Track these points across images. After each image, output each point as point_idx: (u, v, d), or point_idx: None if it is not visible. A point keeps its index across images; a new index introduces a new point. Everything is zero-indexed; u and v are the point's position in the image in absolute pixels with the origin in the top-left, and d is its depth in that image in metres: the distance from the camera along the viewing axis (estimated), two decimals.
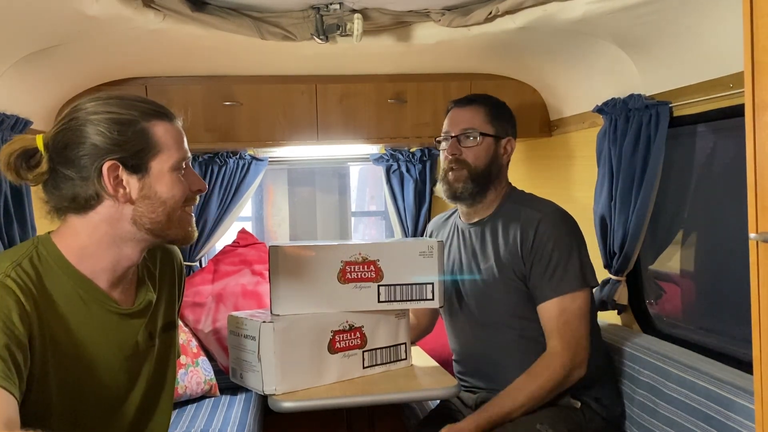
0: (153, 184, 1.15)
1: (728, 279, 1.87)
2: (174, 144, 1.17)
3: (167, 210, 1.17)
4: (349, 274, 1.63)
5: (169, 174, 1.16)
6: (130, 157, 1.13)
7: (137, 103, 1.17)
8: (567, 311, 1.69)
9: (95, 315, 1.15)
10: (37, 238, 1.16)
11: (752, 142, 0.89)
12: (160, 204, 1.16)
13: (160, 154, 1.15)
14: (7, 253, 1.13)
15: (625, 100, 1.92)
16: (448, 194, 1.84)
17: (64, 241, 1.15)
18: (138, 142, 1.13)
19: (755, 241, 0.88)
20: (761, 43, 0.86)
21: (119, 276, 1.19)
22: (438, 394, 1.75)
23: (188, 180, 1.21)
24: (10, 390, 0.94)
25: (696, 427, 1.57)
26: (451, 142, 1.84)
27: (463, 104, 1.88)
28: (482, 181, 1.82)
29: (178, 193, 1.17)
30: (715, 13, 1.53)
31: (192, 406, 2.36)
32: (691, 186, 1.98)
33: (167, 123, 1.18)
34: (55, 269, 1.12)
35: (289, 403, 1.52)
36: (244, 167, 2.73)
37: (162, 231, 1.18)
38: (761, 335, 0.89)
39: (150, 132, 1.15)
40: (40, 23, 1.60)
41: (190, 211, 1.23)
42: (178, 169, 1.18)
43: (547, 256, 1.71)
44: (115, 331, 1.18)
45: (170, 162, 1.16)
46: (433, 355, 1.98)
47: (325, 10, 1.84)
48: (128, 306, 1.21)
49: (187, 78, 2.36)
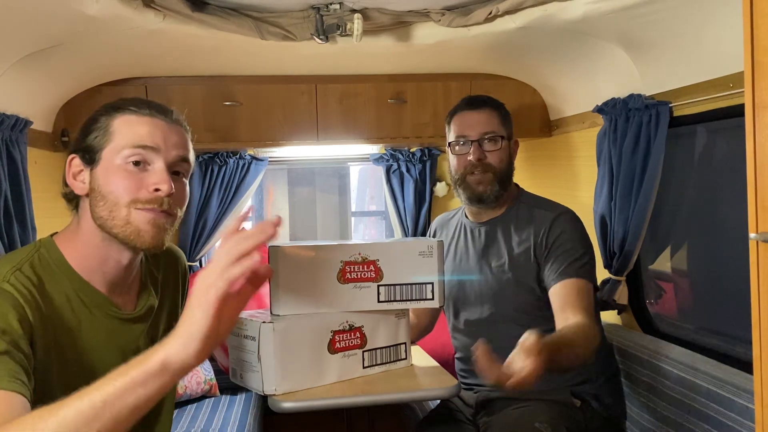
0: (98, 176, 1.12)
1: (728, 279, 1.87)
2: (127, 135, 1.11)
3: (108, 205, 1.10)
4: (348, 274, 1.63)
5: (113, 166, 1.11)
6: (87, 149, 1.13)
7: (117, 101, 1.17)
8: (587, 294, 1.68)
9: (97, 319, 1.14)
10: (39, 242, 1.16)
11: (752, 142, 0.89)
12: (101, 198, 1.11)
13: (110, 145, 1.12)
14: (9, 257, 1.13)
15: (625, 100, 1.92)
16: (472, 198, 1.83)
17: (65, 244, 1.15)
18: (95, 133, 1.13)
19: (755, 241, 0.88)
20: (761, 43, 0.86)
21: (113, 279, 1.17)
22: (438, 394, 1.75)
23: (143, 177, 1.11)
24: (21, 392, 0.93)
25: (696, 427, 1.57)
26: (474, 146, 1.82)
27: (477, 107, 1.86)
28: (506, 182, 1.84)
29: (116, 188, 1.10)
30: (715, 13, 1.53)
31: (192, 406, 2.36)
32: (691, 186, 1.98)
33: (131, 115, 1.13)
34: (57, 273, 1.11)
35: (289, 403, 1.52)
36: (244, 167, 2.73)
37: (109, 229, 1.11)
38: (761, 335, 0.89)
39: (108, 122, 1.13)
40: (40, 23, 1.60)
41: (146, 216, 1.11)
42: (126, 162, 1.10)
43: (566, 246, 1.72)
44: (117, 336, 1.17)
45: (115, 152, 1.11)
46: (433, 355, 1.98)
47: (325, 10, 1.84)
48: (129, 311, 1.20)
49: (187, 78, 2.36)
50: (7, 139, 1.73)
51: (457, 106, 1.90)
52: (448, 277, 1.89)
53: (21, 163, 1.78)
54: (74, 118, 2.25)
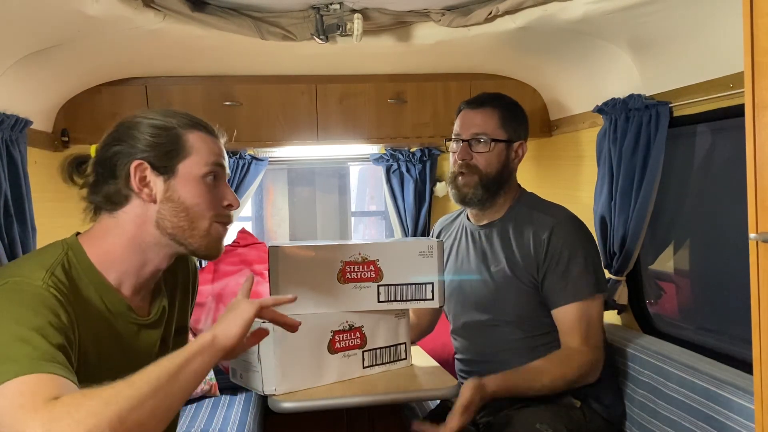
0: (177, 187, 1.16)
1: (728, 279, 1.87)
2: (206, 152, 1.18)
3: (190, 217, 1.17)
4: (348, 274, 1.63)
5: (195, 180, 1.17)
6: (159, 158, 1.15)
7: (180, 115, 1.20)
8: (586, 316, 1.71)
9: (119, 326, 1.16)
10: (66, 243, 1.16)
11: (752, 142, 0.89)
12: (182, 209, 1.16)
13: (189, 158, 1.16)
14: (38, 260, 1.11)
15: (625, 100, 1.92)
16: (457, 198, 1.83)
17: (93, 245, 1.16)
18: (169, 144, 1.16)
19: (755, 241, 0.88)
20: (761, 43, 0.86)
21: (143, 282, 1.20)
22: (438, 394, 1.75)
23: (219, 192, 1.20)
24: (72, 380, 0.95)
25: (696, 427, 1.57)
26: (462, 146, 1.81)
27: (475, 106, 1.84)
28: (493, 187, 1.80)
29: (202, 201, 1.17)
30: (715, 13, 1.53)
31: (192, 406, 2.36)
32: (690, 186, 1.98)
33: (205, 134, 1.20)
34: (84, 278, 1.12)
35: (289, 403, 1.52)
36: (244, 167, 2.73)
37: (185, 238, 1.18)
38: (761, 335, 0.89)
39: (184, 137, 1.17)
40: (40, 23, 1.60)
41: (222, 229, 1.23)
42: (206, 177, 1.18)
43: (564, 263, 1.71)
44: (136, 342, 1.20)
45: (198, 167, 1.17)
46: (433, 355, 1.98)
47: (325, 10, 1.84)
48: (144, 315, 1.23)
49: (187, 78, 2.36)
50: (7, 139, 1.73)
51: (461, 103, 1.90)
52: (449, 279, 1.89)
53: (21, 163, 1.78)
54: (74, 118, 2.25)
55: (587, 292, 1.71)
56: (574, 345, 1.70)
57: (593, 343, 1.71)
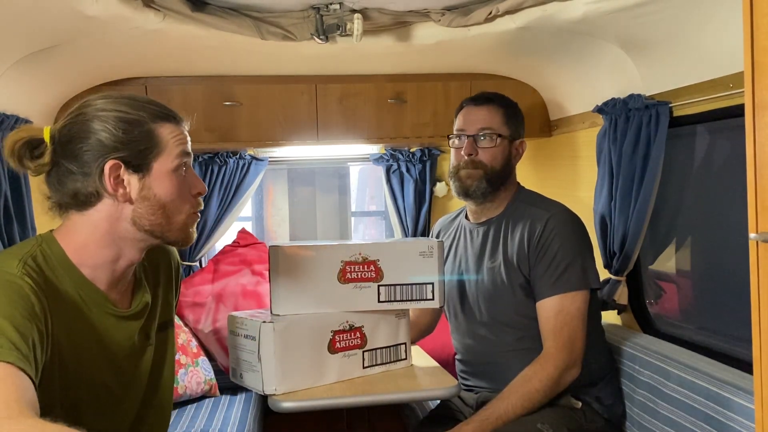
0: (153, 185, 1.15)
1: (729, 279, 1.87)
2: (177, 145, 1.17)
3: (167, 213, 1.16)
4: (349, 274, 1.63)
5: (169, 175, 1.16)
6: (133, 157, 1.13)
7: (147, 104, 1.17)
8: (564, 310, 1.69)
9: (94, 317, 1.15)
10: (40, 237, 1.16)
11: (752, 142, 0.89)
12: (159, 206, 1.16)
13: (163, 155, 1.15)
14: (11, 252, 1.12)
15: (625, 100, 1.92)
16: (460, 191, 1.84)
17: (66, 239, 1.15)
18: (142, 142, 1.14)
19: (755, 241, 0.88)
20: (761, 43, 0.86)
21: (118, 276, 1.19)
22: (438, 394, 1.75)
23: (188, 182, 1.20)
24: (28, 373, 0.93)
25: (696, 427, 1.57)
26: (468, 141, 1.83)
27: (480, 103, 1.87)
28: (496, 182, 1.83)
29: (177, 196, 1.17)
30: (715, 13, 1.53)
31: (192, 406, 2.36)
32: (690, 186, 1.98)
33: (173, 125, 1.18)
34: (58, 269, 1.12)
35: (289, 403, 1.52)
36: (244, 167, 2.73)
37: (162, 233, 1.18)
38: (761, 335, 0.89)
39: (155, 132, 1.15)
40: (40, 23, 1.60)
41: (193, 215, 1.22)
42: (178, 170, 1.17)
43: (552, 254, 1.71)
44: (113, 333, 1.18)
45: (170, 161, 1.16)
46: (433, 355, 1.98)
47: (325, 10, 1.84)
48: (125, 308, 1.22)
49: (187, 78, 2.36)
50: None
51: (463, 101, 1.92)
52: (448, 278, 1.89)
53: None
54: None
55: (570, 285, 1.70)
56: (546, 348, 1.69)
57: (567, 339, 1.67)
